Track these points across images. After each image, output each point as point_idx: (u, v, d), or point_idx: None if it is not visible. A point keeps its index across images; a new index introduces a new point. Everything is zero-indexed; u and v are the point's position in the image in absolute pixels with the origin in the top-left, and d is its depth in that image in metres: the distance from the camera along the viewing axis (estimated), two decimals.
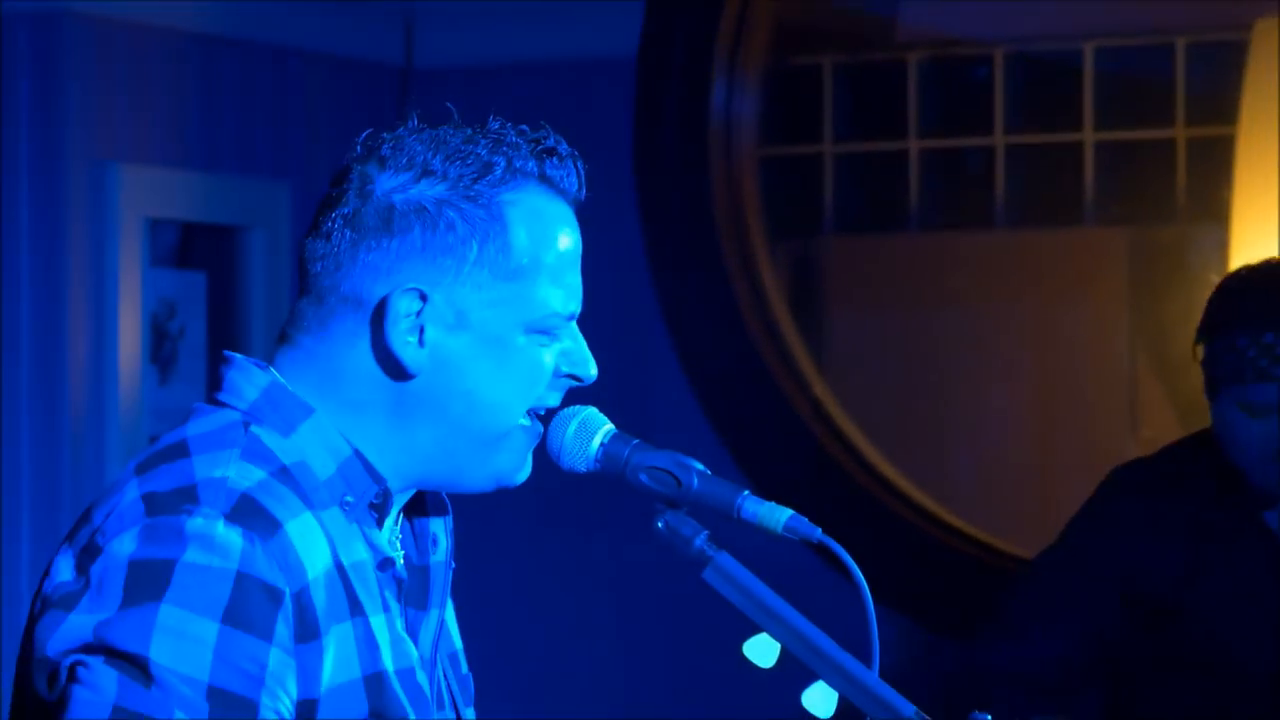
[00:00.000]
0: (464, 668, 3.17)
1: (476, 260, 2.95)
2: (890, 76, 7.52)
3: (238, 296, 6.52)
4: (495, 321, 2.97)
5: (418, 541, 3.10)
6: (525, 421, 3.02)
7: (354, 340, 2.95)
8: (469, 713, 3.14)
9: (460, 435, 3.00)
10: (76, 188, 6.07)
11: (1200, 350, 4.90)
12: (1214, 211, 7.11)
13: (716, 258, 6.45)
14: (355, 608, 2.90)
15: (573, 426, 3.04)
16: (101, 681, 2.73)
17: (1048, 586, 4.96)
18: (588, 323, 3.04)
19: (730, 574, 2.99)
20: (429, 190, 2.94)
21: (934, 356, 7.81)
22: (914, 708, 2.93)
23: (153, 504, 2.81)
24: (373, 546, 2.94)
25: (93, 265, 6.11)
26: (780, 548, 3.00)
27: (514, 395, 3.00)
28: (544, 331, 3.00)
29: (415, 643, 3.01)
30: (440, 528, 3.11)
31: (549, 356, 3.02)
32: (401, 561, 3.04)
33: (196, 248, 6.42)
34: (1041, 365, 7.83)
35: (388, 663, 2.93)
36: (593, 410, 3.06)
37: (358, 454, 2.96)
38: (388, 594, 2.96)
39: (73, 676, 2.75)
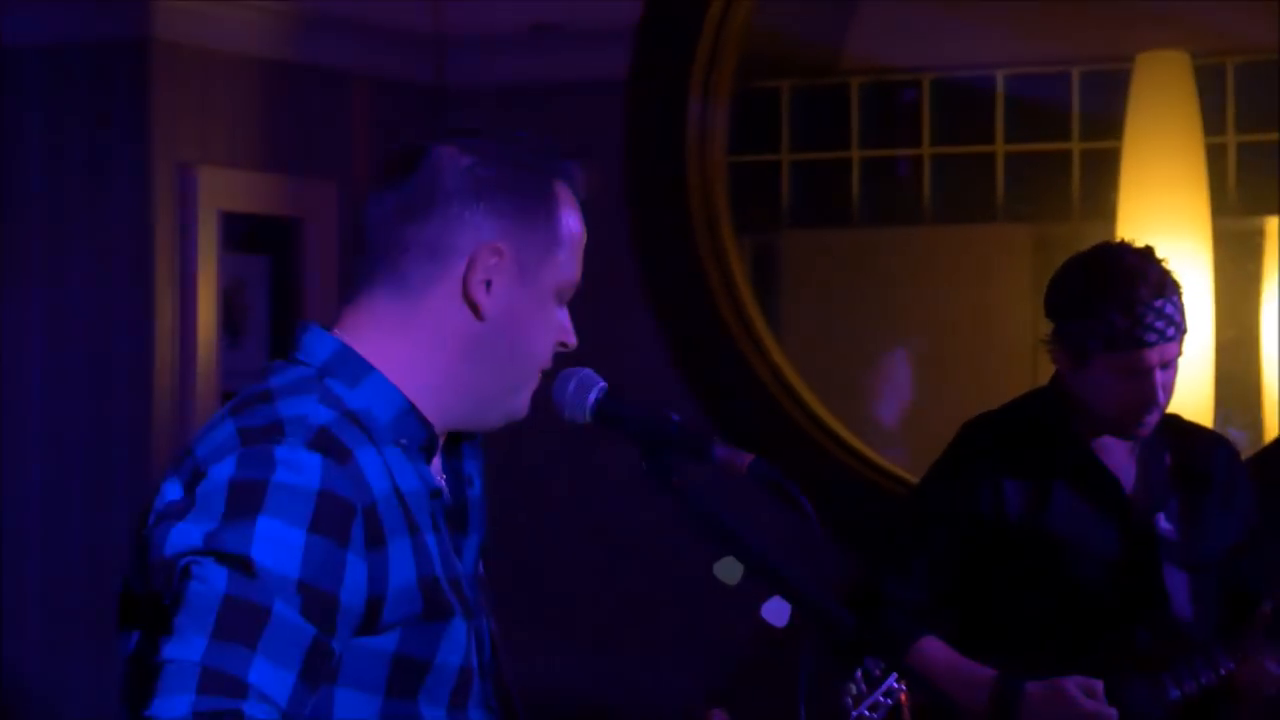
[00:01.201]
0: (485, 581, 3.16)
1: (540, 227, 2.99)
2: (836, 97, 7.48)
3: (294, 276, 6.46)
4: (543, 279, 3.00)
5: (457, 480, 3.09)
6: (534, 376, 3.05)
7: (428, 290, 2.95)
8: (491, 620, 3.11)
9: (501, 376, 3.02)
10: (162, 187, 6.03)
11: (1065, 323, 4.61)
12: (1103, 211, 7.08)
13: (691, 247, 6.41)
14: (413, 526, 2.90)
15: (573, 384, 3.05)
16: (213, 576, 2.74)
17: (918, 524, 4.80)
18: (584, 301, 3.11)
19: (702, 507, 3.00)
20: (503, 169, 2.97)
21: (871, 330, 7.74)
22: (853, 620, 2.96)
23: (246, 436, 2.83)
24: (424, 479, 2.95)
25: (177, 250, 6.07)
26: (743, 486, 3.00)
27: (546, 346, 3.03)
28: (560, 299, 3.04)
29: (460, 558, 3.01)
30: (474, 470, 3.12)
31: (559, 319, 3.06)
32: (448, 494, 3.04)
33: (261, 236, 6.39)
34: (959, 338, 7.75)
35: (439, 570, 2.93)
36: (589, 371, 3.08)
37: (411, 406, 2.95)
38: (438, 518, 2.96)
39: (187, 574, 2.76)
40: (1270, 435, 6.54)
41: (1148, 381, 4.55)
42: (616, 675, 6.53)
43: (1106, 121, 7.20)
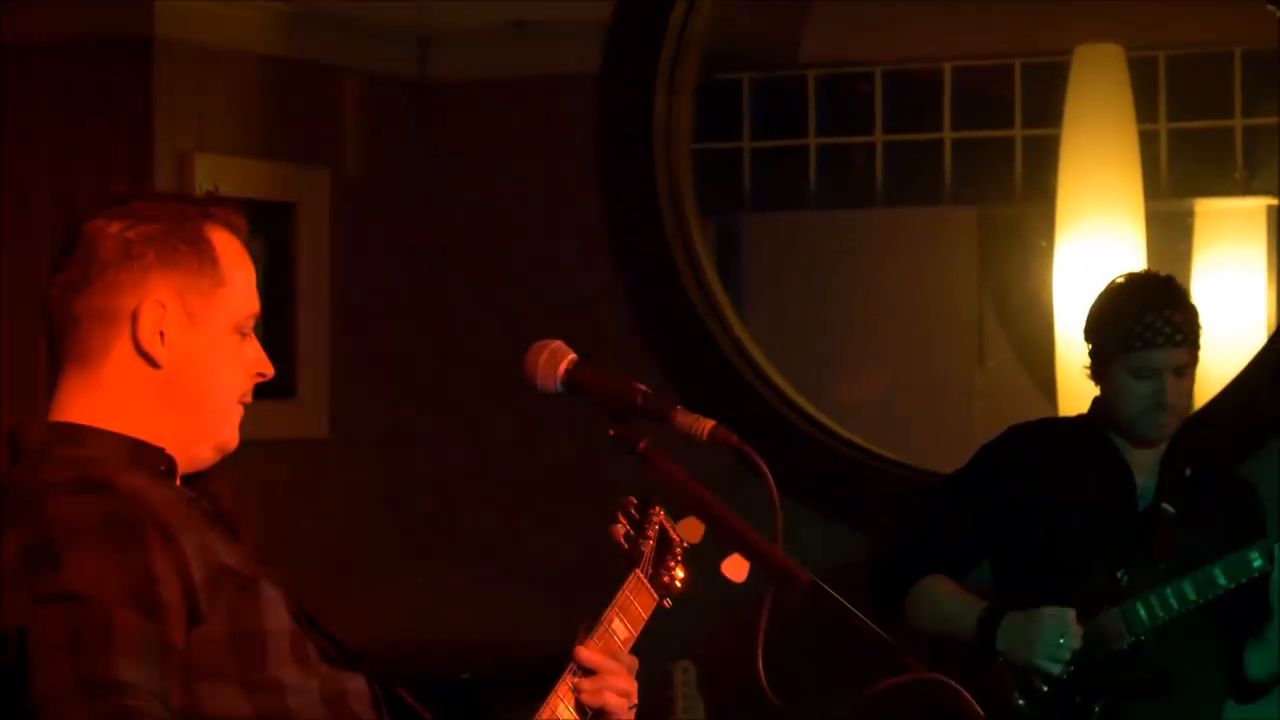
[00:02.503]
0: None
1: (199, 273, 2.94)
2: (794, 89, 7.51)
3: (288, 257, 6.44)
4: (215, 319, 2.96)
5: (213, 499, 3.04)
6: (234, 408, 3.02)
7: (108, 351, 2.94)
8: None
9: (196, 416, 2.98)
10: (163, 172, 5.95)
11: (1094, 338, 4.92)
12: (1044, 194, 7.10)
13: (659, 229, 6.42)
14: (191, 525, 2.85)
15: (545, 356, 3.05)
16: (48, 619, 2.70)
17: (956, 498, 5.00)
18: (561, 278, 3.06)
19: (666, 470, 3.00)
20: (152, 226, 2.91)
21: (827, 305, 7.81)
22: (810, 577, 2.93)
23: (13, 516, 2.81)
24: (179, 492, 2.94)
25: None
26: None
27: (234, 380, 2.99)
28: (242, 333, 3.00)
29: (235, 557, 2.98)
30: (223, 491, 3.08)
31: (248, 353, 3.02)
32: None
33: (256, 220, 6.25)
34: (910, 311, 7.86)
35: (226, 557, 2.90)
36: (560, 343, 3.07)
37: (136, 440, 2.94)
38: (205, 519, 2.93)
39: (21, 635, 2.72)
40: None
41: (1159, 382, 4.76)
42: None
43: (1046, 110, 7.20)
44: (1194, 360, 4.81)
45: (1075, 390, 5.53)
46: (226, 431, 3.01)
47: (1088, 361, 4.91)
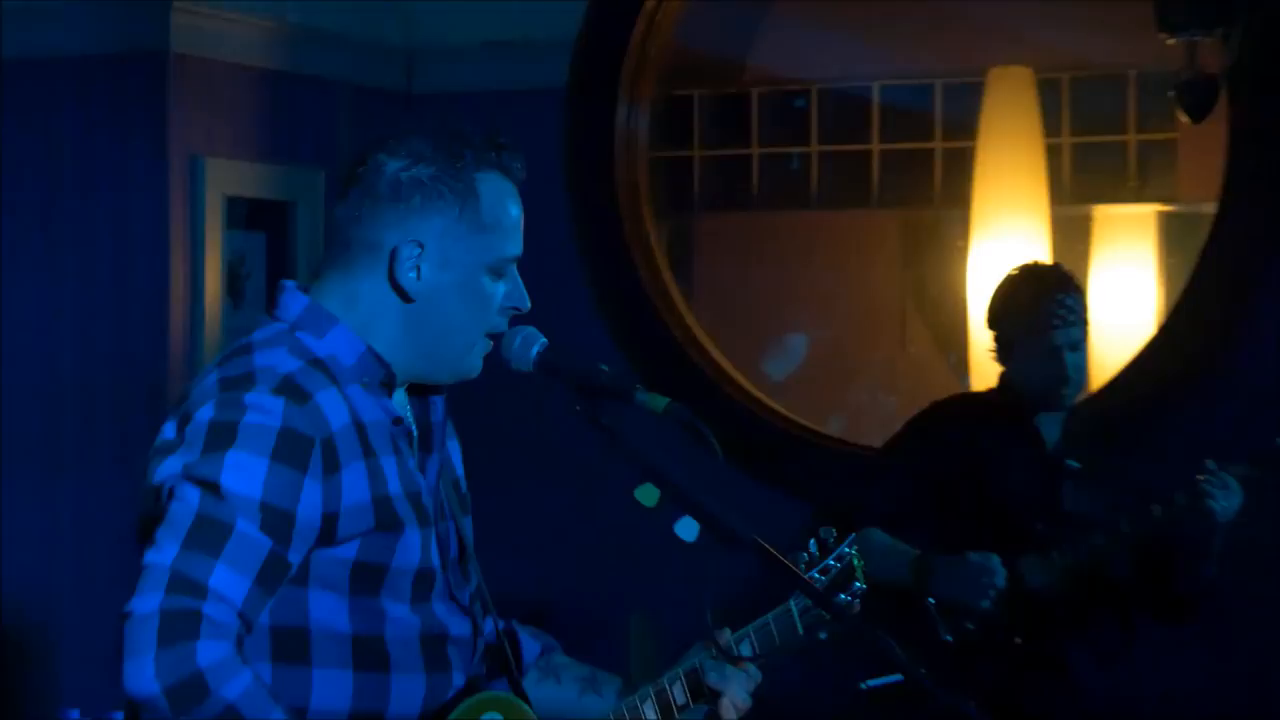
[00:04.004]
0: (464, 488, 3.15)
1: (458, 219, 2.96)
2: (740, 104, 7.50)
3: (287, 250, 6.39)
4: (469, 262, 2.98)
5: (422, 409, 3.08)
6: (481, 341, 3.03)
7: (369, 275, 2.95)
8: (466, 520, 3.11)
9: (439, 344, 3.01)
10: (176, 174, 5.92)
11: (1001, 321, 4.94)
12: (960, 200, 7.17)
13: (618, 228, 6.42)
14: (369, 451, 2.89)
15: (518, 339, 3.05)
16: (188, 497, 2.75)
17: (890, 461, 5.02)
18: (529, 273, 3.08)
19: (626, 441, 3.00)
20: (425, 170, 2.95)
21: (768, 297, 7.78)
22: (753, 536, 2.96)
23: (225, 384, 2.84)
24: (386, 410, 2.95)
25: (188, 228, 5.97)
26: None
27: (477, 320, 3.01)
28: (498, 273, 3.00)
29: (424, 475, 3.00)
30: (439, 401, 3.10)
31: (500, 291, 3.02)
32: (412, 421, 3.03)
33: (259, 216, 6.29)
34: (841, 303, 7.86)
35: (394, 488, 2.91)
36: (533, 329, 3.06)
37: (370, 350, 2.94)
38: (400, 442, 2.96)
39: (169, 496, 2.76)
40: None
41: (1059, 359, 4.79)
42: (560, 579, 6.49)
43: (963, 124, 7.23)
44: (1086, 335, 4.83)
45: (987, 371, 5.47)
46: (466, 363, 3.03)
47: (993, 346, 4.94)
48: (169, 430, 2.86)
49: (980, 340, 6.61)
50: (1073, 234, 7.15)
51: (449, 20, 6.79)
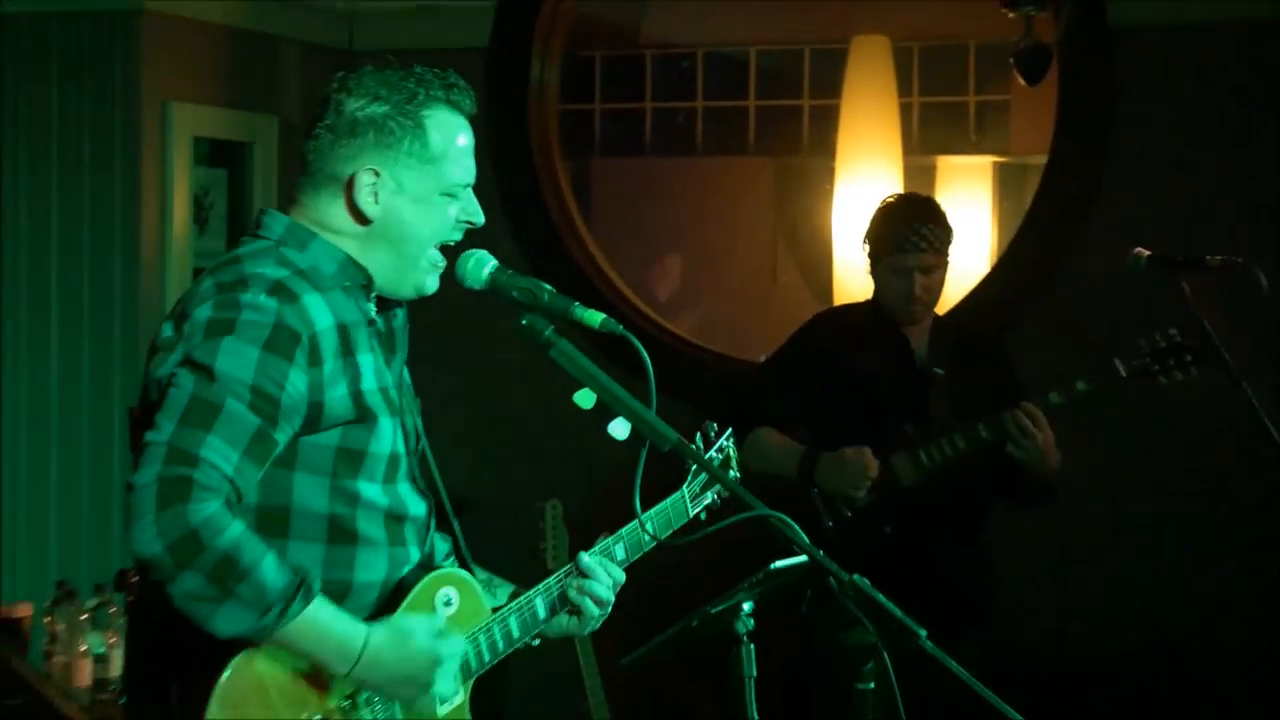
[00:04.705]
0: (412, 388, 3.13)
1: (408, 151, 2.93)
2: (635, 64, 7.55)
3: (245, 184, 6.29)
4: (420, 188, 2.96)
5: (385, 315, 3.04)
6: (433, 253, 2.99)
7: (334, 200, 2.96)
8: (418, 419, 3.09)
9: (397, 258, 2.98)
10: (149, 117, 5.89)
11: (868, 243, 4.88)
12: (826, 150, 7.16)
13: (531, 169, 6.38)
14: (348, 349, 2.90)
15: (471, 260, 3.03)
16: (184, 381, 2.74)
17: (777, 367, 4.97)
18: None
19: (567, 352, 2.99)
20: (378, 109, 2.92)
21: (658, 231, 7.77)
22: (676, 435, 2.94)
23: (221, 287, 2.83)
24: (362, 311, 2.96)
25: (160, 163, 5.92)
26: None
27: (430, 234, 2.99)
28: (450, 195, 2.98)
29: (390, 371, 3.00)
30: (400, 311, 3.08)
31: (452, 209, 3.00)
32: (381, 323, 3.02)
33: (221, 154, 6.21)
34: (722, 238, 7.87)
35: (369, 383, 2.92)
36: (484, 252, 3.04)
37: (349, 257, 2.96)
38: (373, 341, 2.96)
39: (169, 383, 2.75)
40: None
41: (910, 279, 4.76)
42: (493, 474, 6.51)
43: (829, 85, 7.29)
44: (940, 263, 4.79)
45: (850, 298, 5.53)
46: (422, 278, 3.01)
47: (866, 262, 4.89)
48: (167, 329, 2.85)
49: (843, 273, 6.74)
50: (921, 181, 7.20)
51: None
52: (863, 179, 6.86)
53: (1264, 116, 5.68)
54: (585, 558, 3.17)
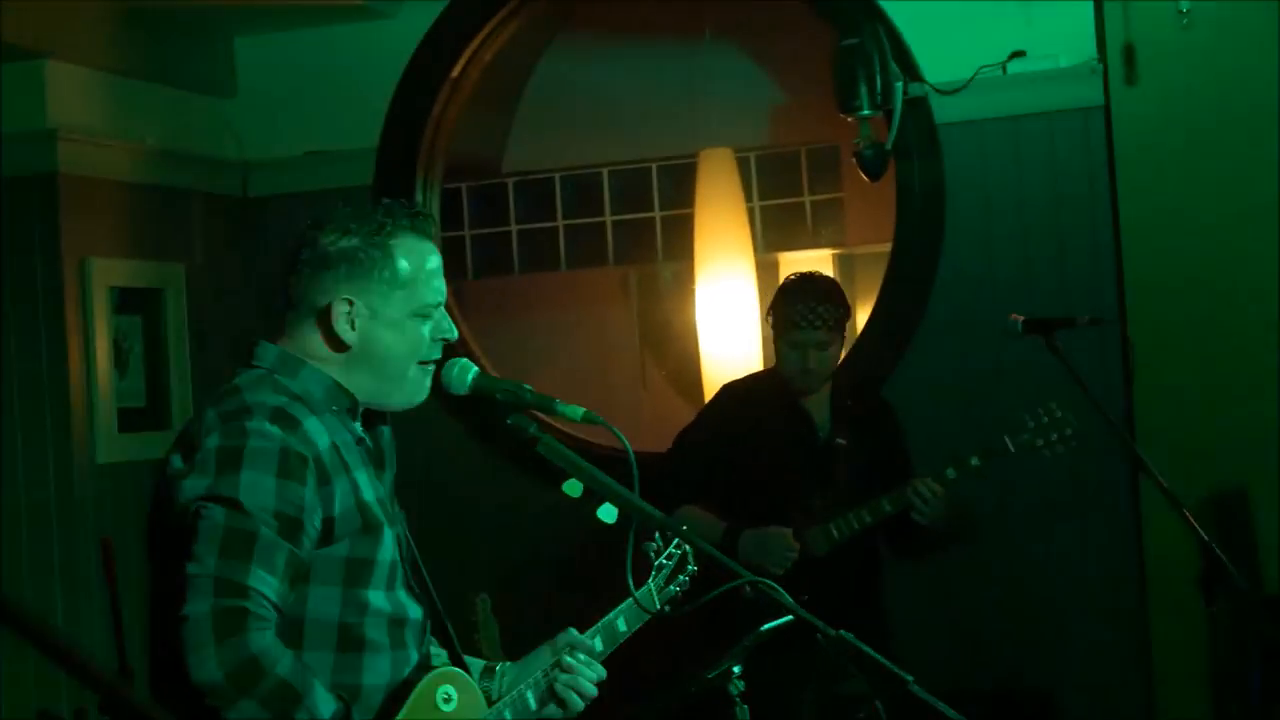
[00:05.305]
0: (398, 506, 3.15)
1: (379, 279, 2.99)
2: (498, 191, 7.61)
3: (159, 328, 6.45)
4: (394, 312, 3.01)
5: (374, 434, 3.09)
6: (416, 368, 3.04)
7: (315, 330, 3.02)
8: (406, 529, 3.11)
9: (380, 378, 3.02)
10: (70, 271, 6.05)
11: (771, 317, 5.01)
12: (680, 255, 7.38)
13: None
14: (346, 467, 2.95)
15: (455, 369, 3.08)
16: (215, 515, 2.79)
17: (688, 444, 5.08)
18: None
19: (552, 446, 3.07)
20: (349, 241, 3.00)
21: (529, 344, 7.79)
22: (662, 515, 3.03)
23: (225, 417, 2.89)
24: (352, 431, 3.01)
25: (80, 312, 6.10)
26: None
27: (407, 353, 3.03)
28: (423, 315, 3.03)
29: (381, 486, 3.05)
30: (386, 430, 3.14)
31: (426, 329, 3.04)
32: (369, 441, 3.06)
33: (135, 302, 6.36)
34: (590, 344, 7.95)
35: (368, 495, 2.97)
36: (466, 360, 3.10)
37: (335, 382, 3.00)
38: (364, 458, 3.01)
39: (197, 515, 2.80)
40: None
41: (805, 354, 4.95)
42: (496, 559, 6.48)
43: (679, 195, 7.44)
44: (834, 339, 4.95)
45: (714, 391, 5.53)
46: (409, 390, 3.05)
47: (772, 328, 5.00)
48: (176, 461, 2.88)
49: (709, 367, 7.04)
50: (767, 276, 7.35)
51: (274, 137, 6.88)
52: (721, 278, 7.09)
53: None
54: (568, 659, 3.22)
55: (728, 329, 7.05)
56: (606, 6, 7.25)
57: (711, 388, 6.75)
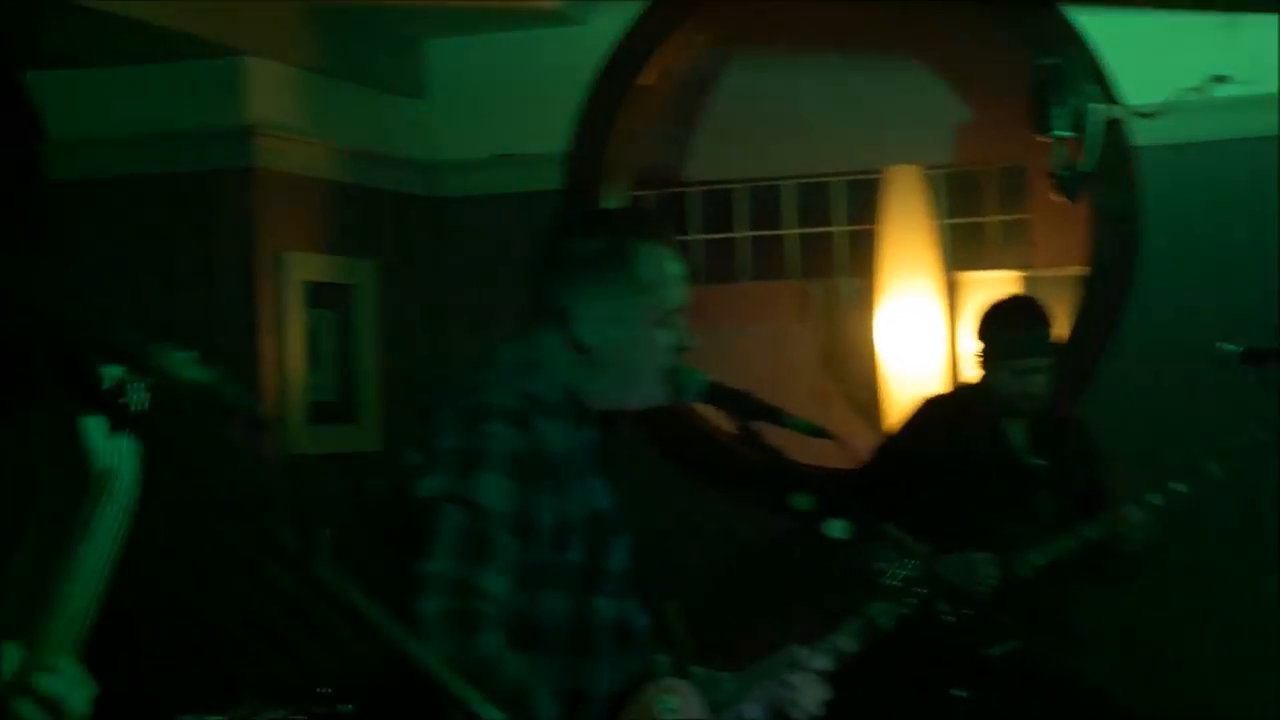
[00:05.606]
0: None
1: (620, 284, 3.02)
2: (679, 201, 7.64)
3: (350, 324, 6.50)
4: (634, 317, 3.03)
5: (607, 442, 3.10)
6: (653, 375, 3.06)
7: (556, 332, 3.03)
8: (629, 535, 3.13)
9: (617, 383, 3.04)
10: (265, 268, 6.12)
11: (983, 342, 5.00)
12: (862, 271, 7.31)
13: None
14: (582, 473, 2.98)
15: (686, 375, 3.07)
16: (450, 514, 2.82)
17: (888, 450, 5.08)
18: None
19: (781, 458, 3.06)
20: (592, 246, 3.02)
21: (706, 352, 7.72)
22: (892, 528, 3.13)
23: (464, 417, 2.91)
24: (586, 436, 3.03)
25: (276, 306, 6.14)
26: None
27: (646, 359, 3.05)
28: (662, 321, 3.06)
29: (612, 492, 3.08)
30: (618, 435, 3.13)
31: (665, 335, 3.07)
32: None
33: (328, 297, 6.40)
34: (766, 357, 7.77)
35: (601, 502, 3.01)
36: (701, 372, 3.09)
37: (570, 388, 3.00)
38: (597, 464, 3.04)
39: (434, 514, 2.83)
40: None
41: (1030, 380, 4.95)
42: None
43: (861, 211, 7.43)
44: (1053, 362, 4.96)
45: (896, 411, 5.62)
46: (644, 396, 3.08)
47: (978, 355, 5.01)
48: (413, 456, 2.91)
49: (890, 386, 6.95)
50: (948, 296, 7.22)
51: (463, 139, 6.93)
52: (905, 296, 7.01)
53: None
54: (793, 675, 3.21)
55: (911, 348, 6.95)
56: (794, 19, 7.22)
57: (893, 407, 6.71)
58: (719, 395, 3.11)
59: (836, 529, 3.14)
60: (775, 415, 3.06)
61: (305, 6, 6.31)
